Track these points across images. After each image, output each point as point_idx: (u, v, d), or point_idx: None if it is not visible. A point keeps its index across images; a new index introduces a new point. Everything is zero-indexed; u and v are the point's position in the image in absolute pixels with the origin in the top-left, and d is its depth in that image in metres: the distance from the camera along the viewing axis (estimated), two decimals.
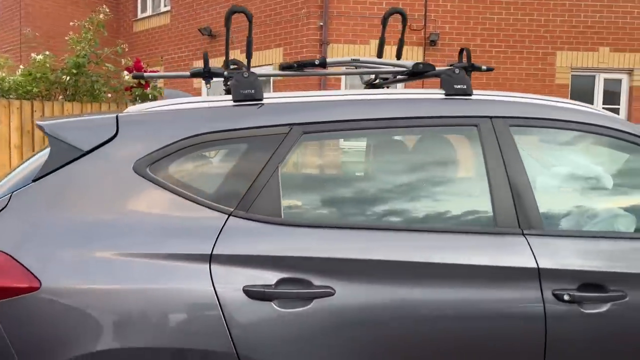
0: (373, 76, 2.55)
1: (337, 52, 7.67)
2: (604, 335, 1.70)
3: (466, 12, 7.73)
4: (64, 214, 1.53)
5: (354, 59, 2.13)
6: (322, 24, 7.58)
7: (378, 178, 2.00)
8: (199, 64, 9.32)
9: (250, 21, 1.94)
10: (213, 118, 1.69)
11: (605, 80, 8.23)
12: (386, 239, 1.65)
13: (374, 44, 7.97)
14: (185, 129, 1.65)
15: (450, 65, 1.99)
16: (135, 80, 5.49)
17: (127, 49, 5.81)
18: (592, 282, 1.70)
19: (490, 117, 1.83)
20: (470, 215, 1.78)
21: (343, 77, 7.14)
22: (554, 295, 1.67)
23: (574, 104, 1.98)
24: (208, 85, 2.19)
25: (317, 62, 2.05)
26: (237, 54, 8.77)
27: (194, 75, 2.07)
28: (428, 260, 1.62)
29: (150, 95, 5.70)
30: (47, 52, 5.26)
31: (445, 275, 1.62)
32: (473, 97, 1.88)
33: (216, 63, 9.02)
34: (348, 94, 1.85)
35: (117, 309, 1.44)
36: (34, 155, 1.90)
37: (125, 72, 5.38)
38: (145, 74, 2.16)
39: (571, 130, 1.89)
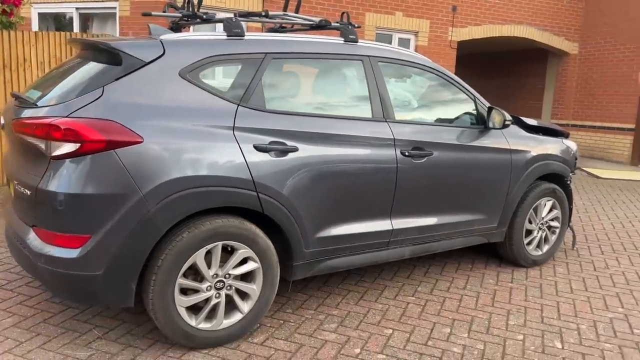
0: (277, 26, 3.73)
1: None
2: (423, 175, 3.30)
3: None
4: (143, 101, 2.45)
5: (284, 14, 3.29)
6: None
7: (315, 87, 3.24)
8: None
9: None
10: (220, 45, 2.74)
11: (399, 39, 10.45)
12: (321, 122, 2.93)
13: None
14: (206, 51, 2.66)
15: (337, 22, 3.31)
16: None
17: None
18: (417, 146, 3.27)
19: (369, 56, 3.22)
20: (361, 111, 3.16)
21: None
22: (400, 152, 3.18)
23: (410, 52, 3.49)
24: (188, 28, 3.15)
25: (263, 14, 3.16)
26: None
27: (185, 16, 3.03)
28: (343, 133, 2.97)
29: (14, 24, 5.84)
30: None
31: (350, 142, 3.00)
32: (358, 43, 3.24)
33: None
34: (296, 36, 3.04)
35: (188, 153, 2.46)
36: (74, 65, 2.69)
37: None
38: (153, 12, 2.97)
39: (408, 66, 3.40)
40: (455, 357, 2.74)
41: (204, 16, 3.01)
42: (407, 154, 3.20)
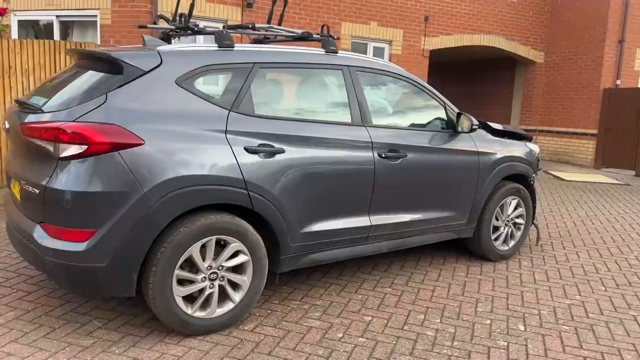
0: (262, 37, 3.99)
1: (166, 4, 8.49)
2: (399, 175, 3.58)
3: None
4: (143, 106, 2.67)
5: (270, 26, 3.55)
6: None
7: (299, 94, 3.50)
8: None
9: None
10: (212, 56, 2.98)
11: (374, 47, 10.81)
12: (305, 125, 3.19)
13: None
14: (200, 61, 2.90)
15: (318, 34, 3.59)
16: None
17: None
18: (393, 149, 3.56)
19: (348, 66, 3.50)
20: (341, 116, 3.44)
21: None
22: (377, 154, 3.47)
23: (385, 62, 3.79)
24: (177, 38, 3.38)
25: (250, 26, 3.41)
26: None
27: (179, 28, 3.26)
28: (326, 136, 3.24)
29: None
30: None
31: (332, 144, 3.26)
32: (338, 54, 3.52)
33: None
34: (282, 47, 3.30)
35: (185, 154, 2.69)
36: (74, 73, 2.90)
37: None
38: (148, 25, 3.19)
39: (383, 75, 3.69)
40: (428, 339, 3.02)
41: (195, 28, 3.25)
42: (383, 155, 3.48)
